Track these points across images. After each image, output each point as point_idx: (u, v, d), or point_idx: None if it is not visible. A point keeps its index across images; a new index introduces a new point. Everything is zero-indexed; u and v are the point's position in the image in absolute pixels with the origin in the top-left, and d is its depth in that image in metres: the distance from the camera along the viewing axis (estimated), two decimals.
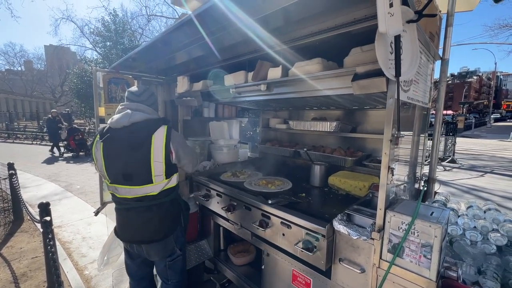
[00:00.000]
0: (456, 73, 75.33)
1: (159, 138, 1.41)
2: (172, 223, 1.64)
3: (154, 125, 1.45)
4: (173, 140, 1.47)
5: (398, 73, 1.04)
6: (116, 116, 1.47)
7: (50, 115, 10.57)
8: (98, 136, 1.51)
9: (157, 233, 1.56)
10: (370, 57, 1.21)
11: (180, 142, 1.54)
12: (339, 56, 1.41)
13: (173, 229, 1.64)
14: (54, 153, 10.32)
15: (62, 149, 10.39)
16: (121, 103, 1.53)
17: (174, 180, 1.57)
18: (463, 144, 14.55)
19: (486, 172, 8.01)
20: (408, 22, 1.07)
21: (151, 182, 1.46)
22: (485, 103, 54.87)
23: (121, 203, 1.55)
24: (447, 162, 9.13)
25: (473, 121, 25.22)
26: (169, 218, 1.62)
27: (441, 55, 1.76)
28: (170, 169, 1.51)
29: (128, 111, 1.46)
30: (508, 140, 16.78)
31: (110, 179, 1.51)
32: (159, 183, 1.48)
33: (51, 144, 10.60)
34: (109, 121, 1.48)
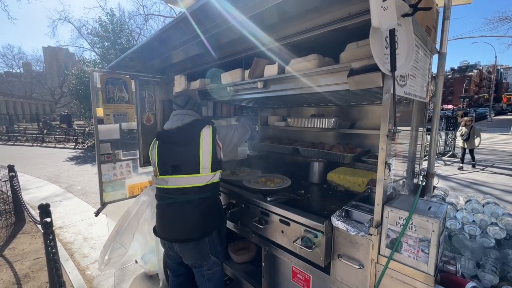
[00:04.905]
0: (456, 67, 75.08)
1: (207, 133, 1.64)
2: (210, 223, 1.66)
3: (202, 124, 1.68)
4: (219, 134, 1.72)
5: (393, 68, 1.03)
6: (170, 120, 1.75)
7: None
8: (155, 138, 1.78)
9: (193, 231, 1.60)
10: (366, 52, 1.19)
11: (223, 133, 1.78)
12: (336, 52, 1.39)
13: (210, 230, 1.66)
14: None
15: None
16: (174, 112, 1.79)
17: (217, 176, 1.70)
18: None
19: (486, 166, 8.01)
20: (403, 16, 1.06)
21: (198, 172, 1.60)
22: (485, 97, 54.63)
23: (164, 197, 1.66)
24: (447, 157, 9.13)
25: (474, 115, 25.10)
26: (208, 217, 1.65)
27: (438, 49, 1.74)
28: (216, 164, 1.66)
29: (180, 115, 1.73)
30: (509, 133, 16.74)
31: (160, 172, 1.68)
32: (205, 175, 1.62)
33: None
34: (164, 126, 1.76)
